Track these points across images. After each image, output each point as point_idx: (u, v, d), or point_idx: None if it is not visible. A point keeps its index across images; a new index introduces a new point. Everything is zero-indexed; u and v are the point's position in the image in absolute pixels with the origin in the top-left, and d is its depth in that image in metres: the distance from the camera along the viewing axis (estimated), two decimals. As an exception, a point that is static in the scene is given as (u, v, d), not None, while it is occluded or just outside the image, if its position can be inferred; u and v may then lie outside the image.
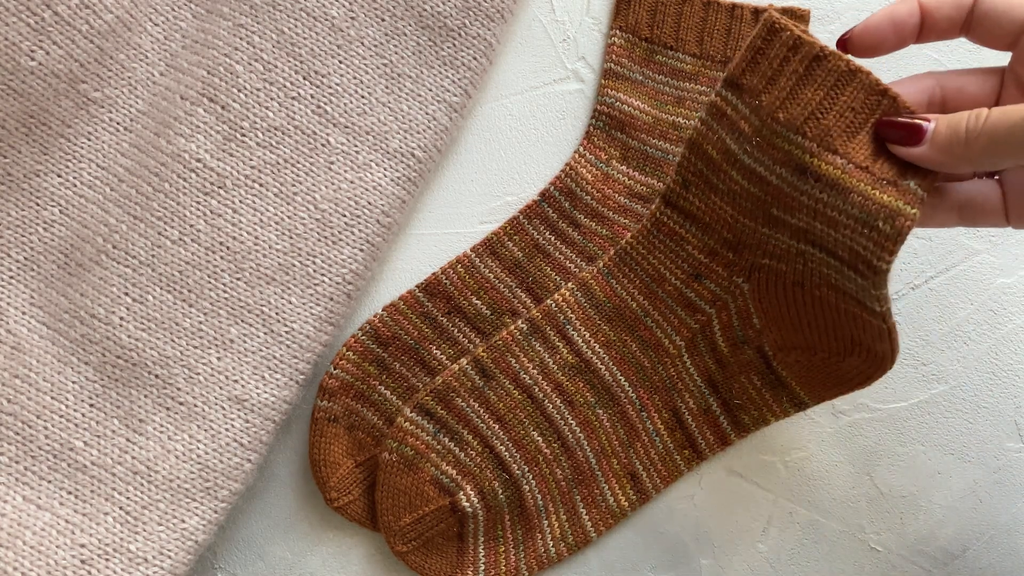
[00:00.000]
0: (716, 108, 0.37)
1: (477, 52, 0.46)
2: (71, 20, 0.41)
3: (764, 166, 0.36)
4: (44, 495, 0.41)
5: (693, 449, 0.45)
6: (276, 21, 0.44)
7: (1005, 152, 0.30)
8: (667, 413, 0.45)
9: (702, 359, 0.44)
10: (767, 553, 0.48)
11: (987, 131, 0.30)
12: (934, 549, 0.48)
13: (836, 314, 0.39)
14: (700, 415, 0.45)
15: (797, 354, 0.42)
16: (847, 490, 0.48)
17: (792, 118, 0.34)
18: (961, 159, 0.31)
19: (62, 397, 0.42)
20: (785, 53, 0.34)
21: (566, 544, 0.46)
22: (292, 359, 0.43)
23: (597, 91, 0.49)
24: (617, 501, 0.45)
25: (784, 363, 0.43)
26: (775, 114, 0.34)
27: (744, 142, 0.36)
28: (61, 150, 0.43)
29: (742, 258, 0.41)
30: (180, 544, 0.42)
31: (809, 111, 0.33)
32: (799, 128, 0.33)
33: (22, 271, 0.43)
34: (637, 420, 0.45)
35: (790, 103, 0.34)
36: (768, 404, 0.44)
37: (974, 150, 0.31)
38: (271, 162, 0.44)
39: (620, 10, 0.48)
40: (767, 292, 0.42)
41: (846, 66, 0.33)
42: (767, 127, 0.34)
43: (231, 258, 0.43)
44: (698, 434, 0.45)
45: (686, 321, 0.44)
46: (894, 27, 0.34)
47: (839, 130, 0.33)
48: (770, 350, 0.43)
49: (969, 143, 0.31)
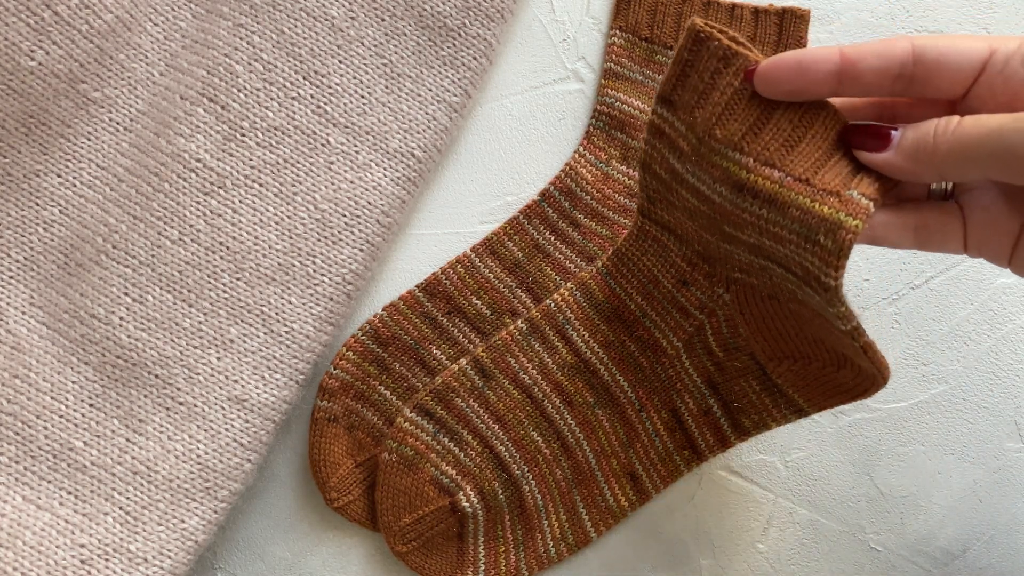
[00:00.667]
0: (654, 126, 0.35)
1: (477, 52, 0.46)
2: (71, 20, 0.41)
3: (706, 184, 0.34)
4: (44, 495, 0.41)
5: (693, 450, 0.44)
6: (276, 21, 0.44)
7: (973, 162, 0.29)
8: (666, 413, 0.44)
9: (700, 360, 0.43)
10: (767, 553, 0.48)
11: (957, 137, 0.29)
12: (934, 549, 0.48)
13: (815, 327, 0.37)
14: (700, 416, 0.44)
15: (789, 363, 0.41)
16: (847, 490, 0.48)
17: (729, 134, 0.31)
18: (927, 166, 0.30)
19: (62, 397, 0.42)
20: (716, 65, 0.32)
21: (566, 544, 0.46)
22: (292, 359, 0.43)
23: (597, 91, 0.49)
24: (617, 501, 0.45)
25: (777, 373, 0.42)
26: (712, 131, 0.32)
27: (685, 161, 0.34)
28: (61, 150, 0.43)
29: (717, 270, 0.40)
30: (180, 544, 0.42)
31: (747, 126, 0.31)
32: (736, 144, 0.31)
33: (22, 271, 0.43)
34: (636, 420, 0.45)
35: (726, 118, 0.32)
36: (768, 409, 0.43)
37: (940, 156, 0.29)
38: (271, 162, 0.44)
39: (620, 10, 0.48)
40: (747, 304, 0.40)
41: None
42: (704, 144, 0.32)
43: (231, 258, 0.43)
44: (698, 435, 0.44)
45: (681, 324, 0.43)
46: (799, 70, 0.30)
47: (777, 143, 0.31)
48: (761, 360, 0.42)
49: (937, 149, 0.29)
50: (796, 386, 0.42)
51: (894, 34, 0.49)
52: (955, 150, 0.29)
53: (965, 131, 0.29)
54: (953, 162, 0.29)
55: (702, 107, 0.32)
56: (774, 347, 0.41)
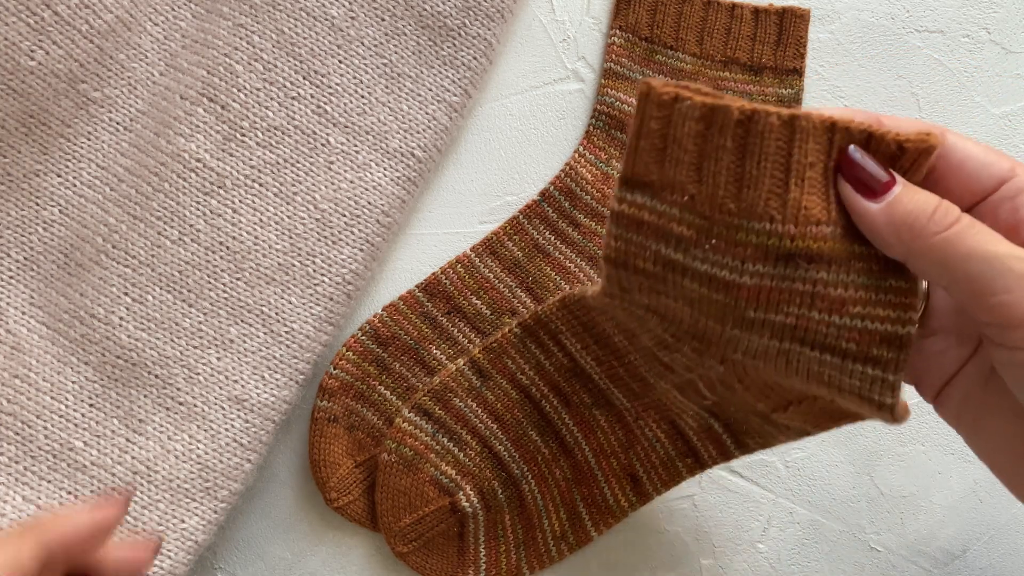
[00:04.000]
0: (625, 217, 0.29)
1: (477, 52, 0.46)
2: (71, 20, 0.41)
3: (729, 268, 0.28)
4: (44, 495, 0.41)
5: (695, 459, 0.43)
6: (276, 21, 0.44)
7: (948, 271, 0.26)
8: (666, 425, 0.43)
9: (696, 396, 0.39)
10: (767, 553, 0.48)
11: (951, 238, 0.26)
12: (934, 549, 0.48)
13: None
14: (702, 432, 0.42)
15: (795, 407, 0.36)
16: (847, 490, 0.48)
17: (749, 205, 0.27)
18: (902, 243, 0.27)
19: (62, 397, 0.42)
20: (697, 128, 0.27)
21: (567, 544, 0.46)
22: (292, 359, 0.43)
23: (597, 91, 0.49)
24: (617, 501, 0.45)
25: (782, 417, 0.37)
26: (723, 205, 0.27)
27: (689, 248, 0.28)
28: (61, 150, 0.43)
29: (711, 349, 0.33)
30: (180, 544, 0.42)
31: (766, 189, 0.27)
32: (762, 212, 0.27)
33: (22, 271, 0.43)
34: (635, 427, 0.44)
35: (736, 187, 0.27)
36: (773, 435, 0.39)
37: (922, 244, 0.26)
38: (271, 162, 0.44)
39: (620, 10, 0.48)
40: (746, 375, 0.34)
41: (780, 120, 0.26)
42: (719, 223, 0.27)
43: (231, 258, 0.43)
44: (700, 447, 0.43)
45: (666, 375, 0.39)
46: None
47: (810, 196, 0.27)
48: (763, 410, 0.37)
49: (924, 234, 0.26)
50: (803, 420, 0.38)
51: (894, 34, 0.49)
52: (941, 248, 0.26)
53: (962, 237, 0.26)
54: (930, 258, 0.26)
55: (699, 182, 0.27)
56: (776, 400, 0.36)
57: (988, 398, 0.30)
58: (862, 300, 0.28)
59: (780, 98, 0.48)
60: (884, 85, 0.49)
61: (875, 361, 0.28)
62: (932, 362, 0.31)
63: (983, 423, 0.30)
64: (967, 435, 0.32)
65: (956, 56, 0.49)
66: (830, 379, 0.29)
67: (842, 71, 0.49)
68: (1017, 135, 0.49)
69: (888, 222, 0.27)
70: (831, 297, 0.28)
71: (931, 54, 0.49)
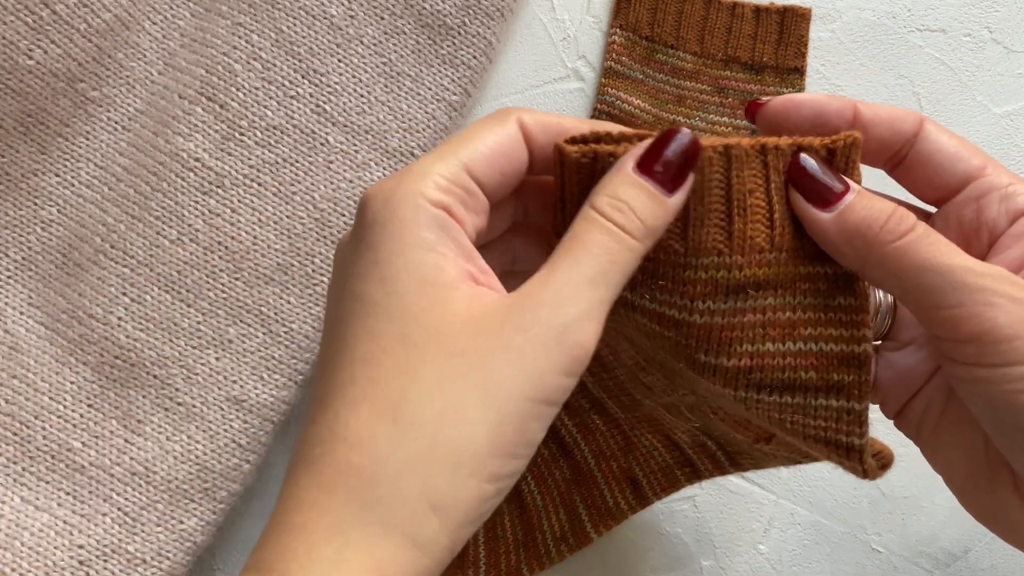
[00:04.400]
0: None
1: (477, 50, 0.46)
2: (69, 19, 0.41)
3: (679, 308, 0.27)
4: (42, 496, 0.41)
5: (692, 469, 0.43)
6: (275, 20, 0.43)
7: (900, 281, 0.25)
8: (662, 436, 0.43)
9: (682, 418, 0.39)
10: (768, 554, 0.48)
11: (903, 248, 0.25)
12: (936, 550, 0.48)
13: None
14: (696, 447, 0.42)
15: (777, 439, 0.35)
16: (849, 491, 0.48)
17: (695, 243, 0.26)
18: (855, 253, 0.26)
19: (60, 397, 0.42)
20: None
21: (567, 544, 0.45)
22: (291, 359, 0.43)
23: (597, 90, 0.49)
24: (617, 504, 0.45)
25: (767, 449, 0.37)
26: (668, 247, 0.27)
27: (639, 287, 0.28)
28: (59, 149, 0.43)
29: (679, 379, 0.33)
30: (178, 545, 0.41)
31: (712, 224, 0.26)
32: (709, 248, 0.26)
33: (20, 271, 0.43)
34: (632, 435, 0.44)
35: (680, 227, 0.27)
36: (763, 458, 0.39)
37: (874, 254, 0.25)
38: (270, 161, 0.43)
39: (620, 8, 0.48)
40: (720, 408, 0.34)
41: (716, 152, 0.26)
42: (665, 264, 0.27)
43: (229, 258, 0.43)
44: (696, 459, 0.42)
45: (649, 395, 0.39)
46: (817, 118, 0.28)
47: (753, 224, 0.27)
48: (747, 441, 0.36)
49: (876, 243, 0.25)
50: (789, 451, 0.37)
51: (896, 33, 0.49)
52: (894, 258, 0.25)
53: (916, 247, 0.25)
54: (883, 268, 0.25)
55: None
56: (757, 432, 0.35)
57: (948, 409, 0.29)
58: (812, 321, 0.27)
59: (781, 97, 0.48)
60: (885, 84, 0.49)
61: (837, 389, 0.27)
62: (902, 376, 0.31)
63: (940, 434, 0.29)
64: (925, 447, 0.31)
65: (958, 55, 0.49)
66: (793, 425, 0.28)
67: (843, 70, 0.49)
68: (1019, 134, 0.49)
69: (840, 231, 0.26)
70: (781, 322, 0.27)
71: (933, 53, 0.49)
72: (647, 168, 0.25)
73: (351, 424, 0.22)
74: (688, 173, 0.25)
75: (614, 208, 0.24)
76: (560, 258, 0.24)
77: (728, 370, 0.28)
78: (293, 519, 0.22)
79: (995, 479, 0.27)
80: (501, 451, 0.22)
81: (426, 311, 0.23)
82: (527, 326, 0.22)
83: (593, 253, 0.24)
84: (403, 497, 0.21)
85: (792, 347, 0.27)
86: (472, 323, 0.23)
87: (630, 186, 0.25)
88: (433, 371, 0.22)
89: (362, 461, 0.22)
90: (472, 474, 0.22)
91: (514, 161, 0.26)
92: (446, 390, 0.22)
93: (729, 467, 0.41)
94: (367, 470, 0.22)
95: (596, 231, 0.24)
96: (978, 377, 0.24)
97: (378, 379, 0.22)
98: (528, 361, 0.22)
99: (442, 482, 0.22)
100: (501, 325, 0.23)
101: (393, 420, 0.22)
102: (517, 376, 0.22)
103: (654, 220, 0.25)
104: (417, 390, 0.22)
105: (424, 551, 0.22)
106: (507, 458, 0.23)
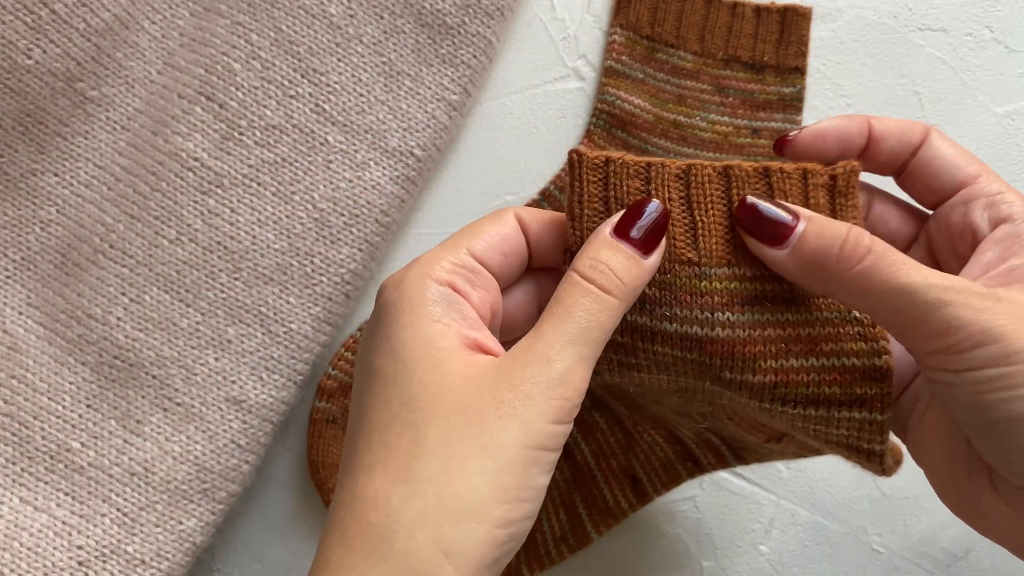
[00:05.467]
0: None
1: (477, 50, 0.46)
2: (68, 18, 0.41)
3: (700, 323, 0.28)
4: (41, 496, 0.41)
5: (695, 463, 0.43)
6: (274, 19, 0.43)
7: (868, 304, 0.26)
8: (664, 431, 0.43)
9: (690, 421, 0.39)
10: (769, 555, 0.47)
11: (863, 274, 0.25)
12: (937, 551, 0.48)
13: None
14: (701, 443, 0.42)
15: (788, 438, 0.35)
16: (850, 491, 0.48)
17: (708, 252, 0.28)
18: (820, 283, 0.27)
19: (59, 398, 0.42)
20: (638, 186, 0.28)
21: (567, 545, 0.45)
22: (290, 359, 0.43)
23: (598, 89, 0.49)
24: (617, 503, 0.45)
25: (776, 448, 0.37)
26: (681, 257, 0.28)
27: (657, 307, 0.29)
28: (58, 149, 0.43)
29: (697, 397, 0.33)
30: (178, 546, 0.41)
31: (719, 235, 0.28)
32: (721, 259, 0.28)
33: (19, 271, 0.43)
34: (634, 431, 0.44)
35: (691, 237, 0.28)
36: (772, 453, 0.39)
37: (837, 282, 0.26)
38: (269, 161, 0.43)
39: (621, 7, 0.48)
40: (735, 414, 0.34)
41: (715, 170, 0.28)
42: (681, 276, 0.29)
43: (229, 257, 0.43)
44: (699, 454, 0.42)
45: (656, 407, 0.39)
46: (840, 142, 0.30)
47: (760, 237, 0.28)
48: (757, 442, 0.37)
49: (836, 272, 0.26)
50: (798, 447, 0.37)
51: (896, 32, 0.49)
52: (857, 282, 0.26)
53: (876, 270, 0.25)
54: (849, 292, 0.26)
55: None
56: (769, 433, 0.35)
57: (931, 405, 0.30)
58: (833, 336, 0.28)
59: (782, 96, 0.48)
60: (886, 83, 0.49)
61: (860, 402, 0.28)
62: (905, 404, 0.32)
63: (923, 428, 0.30)
64: (909, 442, 0.32)
65: (958, 54, 0.49)
66: (816, 433, 0.29)
67: (844, 69, 0.49)
68: (1020, 134, 0.49)
69: (798, 266, 0.27)
70: (803, 337, 0.28)
71: (933, 52, 0.49)
72: (623, 233, 0.27)
73: (368, 487, 0.24)
74: (660, 239, 0.28)
75: (595, 270, 0.27)
76: (545, 321, 0.26)
77: (754, 385, 0.28)
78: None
79: (972, 471, 0.28)
80: (505, 496, 0.24)
81: (429, 373, 0.25)
82: (516, 383, 0.25)
83: (575, 317, 0.26)
84: (418, 548, 0.23)
85: (816, 363, 0.28)
86: (469, 383, 0.25)
87: (609, 248, 0.27)
88: (436, 431, 0.24)
89: (379, 518, 0.24)
90: (480, 520, 0.24)
91: (514, 244, 0.29)
92: (448, 447, 0.24)
93: (733, 461, 0.41)
94: (383, 526, 0.24)
95: (578, 294, 0.26)
96: (948, 381, 0.25)
97: (389, 443, 0.25)
98: (519, 413, 0.24)
99: (452, 531, 0.23)
100: (494, 383, 0.25)
101: (404, 480, 0.24)
102: (510, 427, 0.24)
103: (632, 279, 0.27)
104: (423, 449, 0.24)
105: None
106: (513, 503, 0.24)
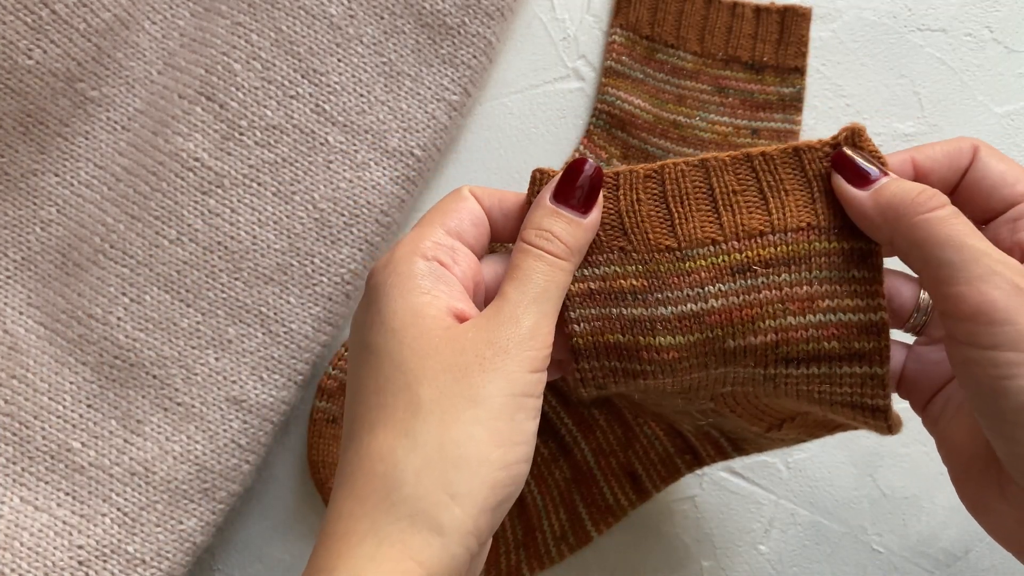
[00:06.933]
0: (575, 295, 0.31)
1: (477, 50, 0.46)
2: (68, 18, 0.41)
3: (693, 299, 0.30)
4: (41, 496, 0.41)
5: (694, 456, 0.43)
6: (274, 19, 0.43)
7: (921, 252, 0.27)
8: (664, 424, 0.43)
9: (691, 419, 0.39)
10: (769, 555, 0.47)
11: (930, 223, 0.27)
12: (936, 550, 0.48)
13: None
14: (700, 435, 0.42)
15: (789, 424, 0.36)
16: (849, 491, 0.48)
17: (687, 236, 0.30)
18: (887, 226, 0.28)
19: (59, 397, 0.42)
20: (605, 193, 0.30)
21: (567, 544, 0.45)
22: (290, 359, 0.43)
23: (597, 89, 0.49)
24: (616, 500, 0.45)
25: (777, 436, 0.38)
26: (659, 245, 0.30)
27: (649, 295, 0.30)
28: (58, 149, 0.43)
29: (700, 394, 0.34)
30: (178, 546, 0.41)
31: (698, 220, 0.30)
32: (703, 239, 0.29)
33: (19, 271, 0.43)
34: (634, 424, 0.44)
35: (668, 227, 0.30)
36: (771, 442, 0.40)
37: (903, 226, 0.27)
38: (269, 161, 0.43)
39: (621, 8, 0.48)
40: (737, 404, 0.35)
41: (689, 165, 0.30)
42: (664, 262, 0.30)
43: (229, 258, 0.43)
44: (699, 446, 0.43)
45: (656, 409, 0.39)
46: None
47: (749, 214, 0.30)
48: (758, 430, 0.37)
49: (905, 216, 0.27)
50: (798, 433, 0.38)
51: (896, 33, 0.49)
52: (921, 228, 0.27)
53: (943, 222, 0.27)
54: (909, 237, 0.27)
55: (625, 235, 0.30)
56: (770, 421, 0.36)
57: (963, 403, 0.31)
58: (829, 293, 0.29)
59: (782, 96, 0.48)
60: (886, 84, 0.49)
61: (859, 356, 0.29)
62: (929, 371, 0.32)
63: (951, 425, 0.31)
64: (938, 438, 0.32)
65: (958, 55, 0.49)
66: (820, 395, 0.30)
67: (844, 70, 0.49)
68: (1020, 134, 0.49)
69: (875, 205, 0.28)
70: (800, 296, 0.29)
71: (933, 53, 0.49)
72: (562, 196, 0.30)
73: (372, 444, 0.27)
74: (596, 196, 0.30)
75: (541, 238, 0.29)
76: (507, 285, 0.29)
77: (756, 347, 0.30)
78: (336, 529, 0.26)
79: (986, 471, 0.28)
80: (499, 440, 0.27)
81: (416, 340, 0.27)
82: (494, 341, 0.28)
83: (533, 280, 0.29)
84: (425, 492, 0.25)
85: (813, 319, 0.29)
86: (452, 343, 0.27)
87: (550, 216, 0.30)
88: (428, 389, 0.27)
89: (386, 469, 0.26)
90: (480, 463, 0.26)
91: (479, 216, 0.31)
92: (442, 402, 0.27)
93: (732, 452, 0.42)
94: (390, 475, 0.26)
95: (531, 259, 0.29)
96: (969, 358, 0.26)
97: (386, 405, 0.27)
98: (500, 367, 0.27)
99: (456, 475, 0.26)
100: (474, 343, 0.27)
101: (405, 434, 0.26)
102: (495, 380, 0.27)
103: (575, 241, 0.30)
104: (419, 407, 0.26)
105: (450, 536, 0.25)
106: (508, 446, 0.27)
